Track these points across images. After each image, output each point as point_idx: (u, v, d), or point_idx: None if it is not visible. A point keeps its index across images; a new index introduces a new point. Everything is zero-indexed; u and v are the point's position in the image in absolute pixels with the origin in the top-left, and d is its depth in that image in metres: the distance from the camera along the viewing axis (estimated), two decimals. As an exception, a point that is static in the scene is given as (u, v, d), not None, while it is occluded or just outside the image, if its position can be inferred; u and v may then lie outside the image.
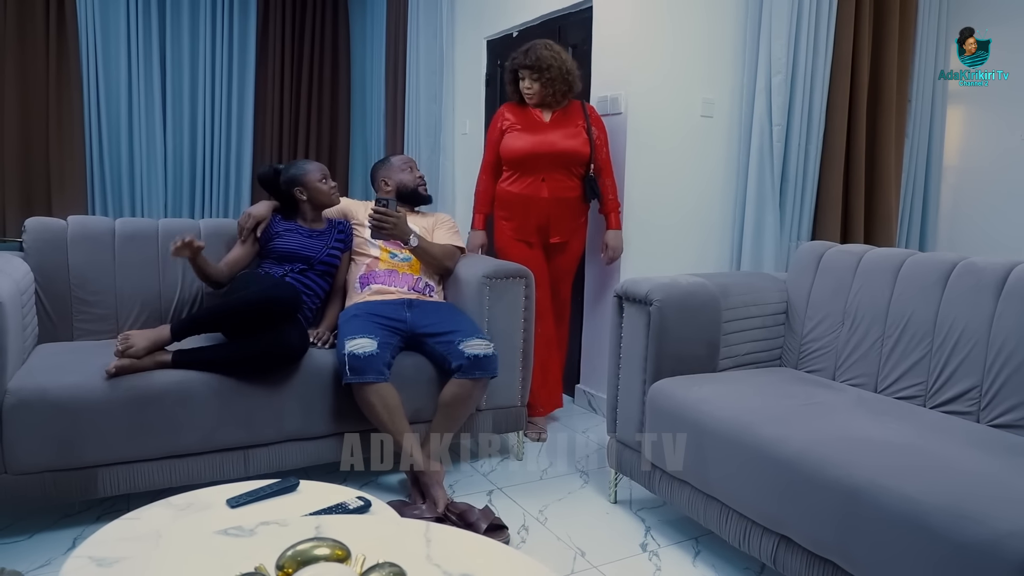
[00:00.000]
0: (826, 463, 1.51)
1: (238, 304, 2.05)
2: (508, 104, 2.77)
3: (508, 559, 1.10)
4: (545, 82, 2.61)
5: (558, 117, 2.69)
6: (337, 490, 1.44)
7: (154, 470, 1.99)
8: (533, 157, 2.63)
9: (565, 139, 2.63)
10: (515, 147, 2.65)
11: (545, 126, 2.67)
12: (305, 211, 2.49)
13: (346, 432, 2.19)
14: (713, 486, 1.80)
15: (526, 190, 2.67)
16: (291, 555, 0.95)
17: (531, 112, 2.70)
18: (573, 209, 2.73)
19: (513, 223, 2.72)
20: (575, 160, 2.66)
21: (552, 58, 2.59)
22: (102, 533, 1.24)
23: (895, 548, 1.36)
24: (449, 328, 2.26)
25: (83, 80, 4.48)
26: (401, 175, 2.63)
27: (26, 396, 1.82)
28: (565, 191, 2.68)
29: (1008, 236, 3.14)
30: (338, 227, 2.54)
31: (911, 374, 1.91)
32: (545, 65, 2.59)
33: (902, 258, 2.01)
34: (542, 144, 2.62)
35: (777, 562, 1.65)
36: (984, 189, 3.28)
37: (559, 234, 2.73)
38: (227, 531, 1.13)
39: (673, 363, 2.05)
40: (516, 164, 2.67)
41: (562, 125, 2.67)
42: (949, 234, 3.37)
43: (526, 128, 2.66)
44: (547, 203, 2.67)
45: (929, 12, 3.25)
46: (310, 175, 2.46)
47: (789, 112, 2.92)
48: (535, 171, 2.65)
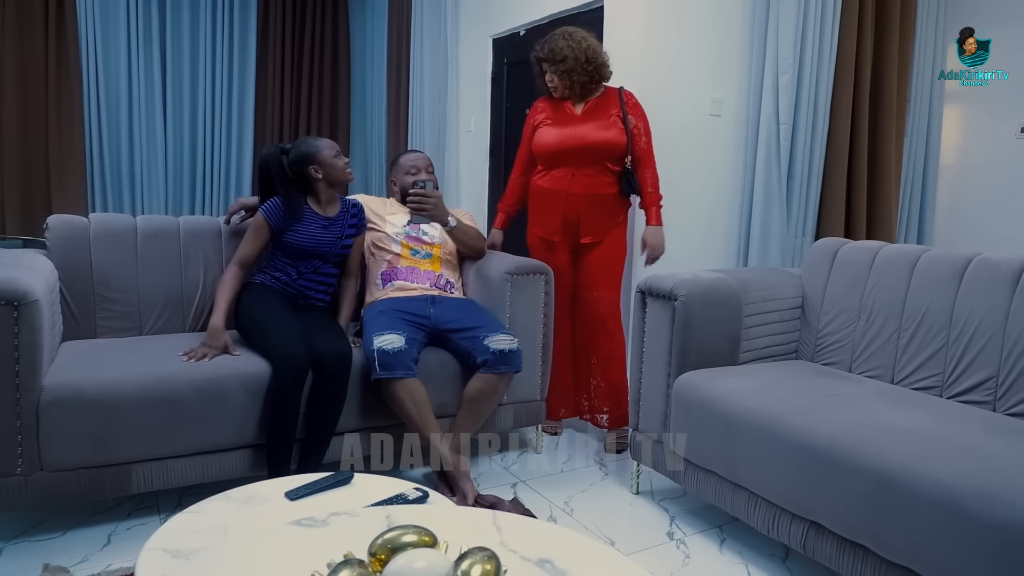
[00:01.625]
0: (857, 451, 1.58)
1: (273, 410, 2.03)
2: (542, 98, 2.67)
3: (576, 543, 1.14)
4: (562, 74, 2.50)
5: (591, 108, 2.55)
6: (390, 482, 1.47)
7: (186, 466, 2.00)
8: (562, 152, 2.51)
9: (597, 131, 2.49)
10: (544, 142, 2.56)
11: (576, 119, 2.54)
12: (319, 191, 2.37)
13: (371, 431, 2.22)
14: (741, 475, 1.86)
15: (555, 185, 2.55)
16: (381, 543, 0.98)
17: (563, 105, 2.58)
18: (608, 206, 2.55)
19: (537, 221, 2.63)
20: (609, 153, 2.51)
21: (568, 48, 2.48)
22: (169, 526, 1.26)
23: (928, 531, 1.42)
24: (473, 324, 2.29)
25: (83, 77, 4.45)
26: (404, 177, 2.61)
27: (61, 393, 1.83)
28: (598, 187, 2.52)
29: (1003, 231, 3.24)
30: (352, 211, 2.47)
31: (928, 365, 1.98)
32: (560, 56, 2.48)
33: (917, 254, 2.08)
34: (572, 137, 2.50)
35: (807, 547, 1.71)
36: (980, 186, 3.38)
37: (590, 233, 2.56)
38: (300, 522, 1.16)
39: (697, 357, 2.10)
40: (546, 159, 2.58)
41: (595, 116, 2.53)
42: (946, 230, 3.47)
43: (557, 122, 2.56)
44: (577, 200, 2.52)
45: (927, 13, 3.34)
46: (324, 152, 2.35)
47: (795, 112, 2.98)
48: (567, 166, 2.52)
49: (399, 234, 2.54)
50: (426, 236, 2.56)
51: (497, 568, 0.91)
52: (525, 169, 2.69)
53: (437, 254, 2.56)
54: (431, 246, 2.56)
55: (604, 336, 2.61)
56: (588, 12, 3.18)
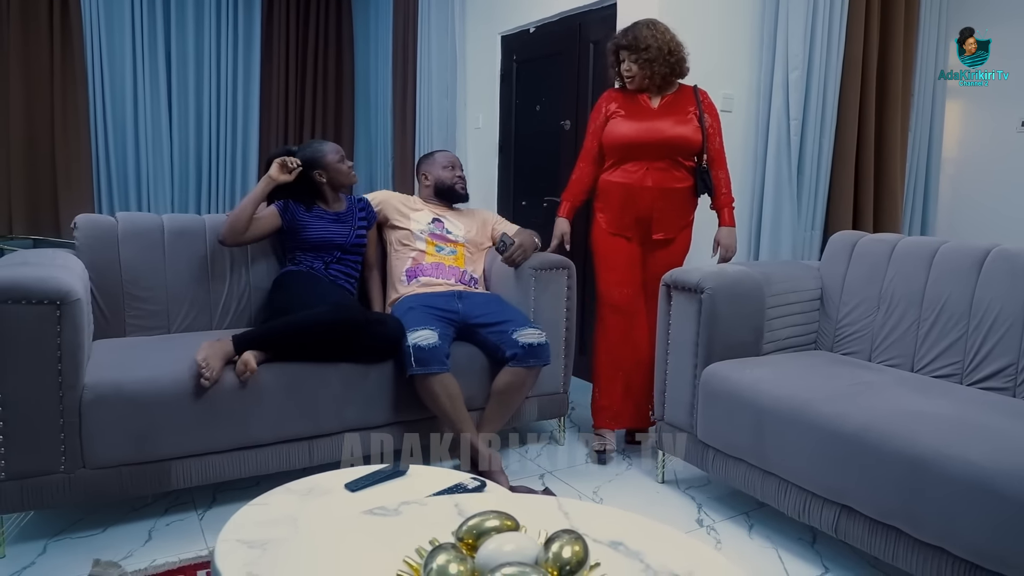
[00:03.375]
0: (889, 436, 1.63)
1: (307, 323, 2.08)
2: (611, 90, 2.57)
3: (643, 525, 1.19)
4: (643, 63, 2.41)
5: (668, 103, 2.48)
6: (444, 473, 1.51)
7: (224, 462, 2.03)
8: (639, 145, 2.42)
9: (675, 126, 2.42)
10: (619, 133, 2.45)
11: (653, 112, 2.46)
12: (325, 193, 2.49)
13: (405, 424, 2.25)
14: (772, 462, 1.91)
15: (629, 179, 2.44)
16: (467, 528, 1.02)
17: (638, 98, 2.49)
18: (681, 203, 2.49)
19: (609, 215, 2.50)
20: (685, 149, 2.44)
21: (652, 37, 2.40)
22: (238, 519, 1.29)
23: (961, 511, 1.48)
24: (502, 318, 2.33)
25: (88, 77, 4.42)
26: (441, 172, 2.67)
27: (103, 391, 1.85)
28: (672, 182, 2.44)
29: (1003, 222, 3.32)
30: (359, 205, 2.56)
31: (948, 354, 2.05)
32: (643, 45, 2.39)
33: (936, 246, 2.14)
34: (649, 131, 2.41)
35: (839, 530, 1.76)
36: (980, 178, 3.46)
37: (663, 230, 2.48)
38: (373, 511, 1.19)
39: (722, 348, 2.15)
40: (620, 152, 2.46)
41: (672, 112, 2.46)
42: (949, 220, 3.54)
43: (631, 114, 2.45)
44: (651, 194, 2.43)
45: (930, 11, 3.41)
46: (328, 156, 2.47)
47: (805, 107, 3.04)
48: (640, 160, 2.43)
49: (423, 231, 2.57)
50: (450, 234, 2.60)
51: (585, 550, 0.95)
52: (594, 159, 2.56)
53: (461, 251, 2.59)
54: (455, 244, 2.59)
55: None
56: (601, 9, 3.21)
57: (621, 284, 2.50)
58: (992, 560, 1.45)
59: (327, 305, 2.14)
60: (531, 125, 3.72)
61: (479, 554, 0.95)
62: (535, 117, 3.69)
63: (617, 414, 2.56)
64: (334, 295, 2.29)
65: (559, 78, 3.49)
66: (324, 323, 2.09)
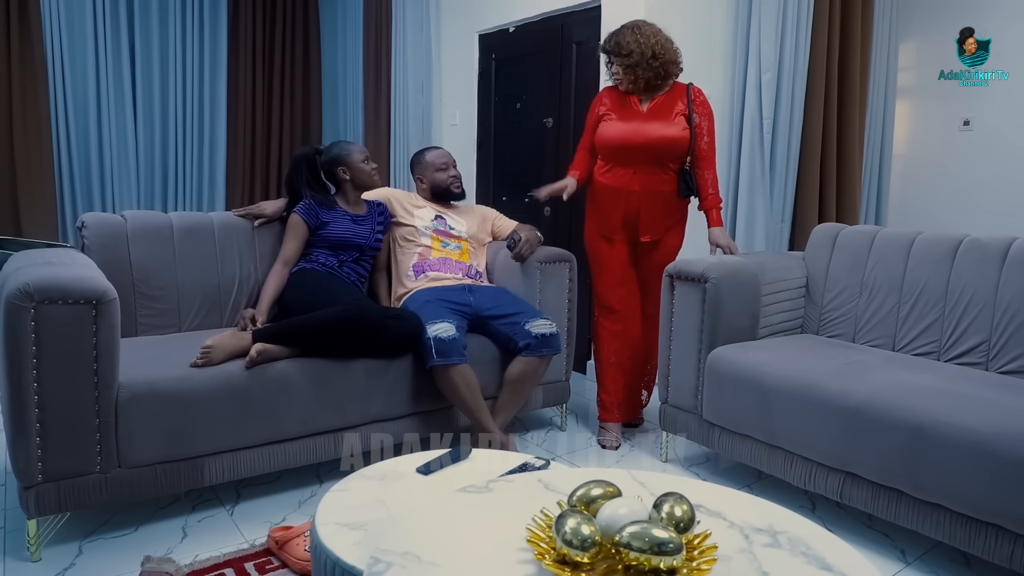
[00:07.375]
0: (891, 407, 1.82)
1: (327, 322, 2.13)
2: (608, 88, 2.62)
3: (709, 488, 1.32)
4: (627, 68, 2.45)
5: (657, 104, 2.50)
6: (507, 455, 1.60)
7: (255, 457, 2.06)
8: (625, 148, 2.47)
9: (661, 128, 2.45)
10: (607, 136, 2.50)
11: (640, 115, 2.49)
12: (347, 191, 2.57)
13: (425, 415, 2.32)
14: (779, 436, 2.08)
15: (617, 182, 2.50)
16: (578, 496, 1.12)
17: (629, 100, 2.52)
18: (667, 204, 2.53)
19: (597, 217, 2.59)
20: (672, 151, 2.47)
21: (635, 43, 2.42)
22: (327, 505, 1.33)
23: (960, 471, 1.67)
24: (513, 310, 2.43)
25: (48, 73, 4.25)
26: (435, 175, 2.71)
27: (138, 390, 1.85)
28: (659, 185, 2.49)
29: (946, 213, 3.62)
30: (378, 209, 2.64)
31: (926, 333, 2.27)
32: (626, 51, 2.42)
33: (912, 236, 2.36)
34: (635, 134, 2.45)
35: (844, 495, 1.94)
36: (925, 174, 3.76)
37: (650, 232, 2.53)
38: (466, 489, 1.28)
39: (724, 333, 2.31)
40: (608, 153, 2.52)
41: (660, 114, 2.48)
42: (898, 213, 3.84)
43: (621, 116, 2.50)
44: (637, 197, 2.48)
45: (882, 20, 3.68)
46: (353, 155, 2.56)
47: (776, 107, 3.24)
48: (627, 163, 2.48)
49: (427, 227, 2.64)
50: (454, 230, 2.67)
51: (692, 509, 1.07)
52: (590, 151, 2.62)
53: (466, 246, 2.67)
54: (459, 239, 2.67)
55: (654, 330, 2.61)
56: (583, 11, 3.33)
57: (615, 285, 2.60)
58: (988, 512, 1.65)
59: (346, 304, 2.19)
60: (511, 122, 3.82)
61: (599, 517, 1.04)
62: (515, 114, 3.78)
63: (619, 408, 2.68)
64: (351, 294, 2.34)
65: (542, 77, 3.59)
66: (345, 321, 2.14)
